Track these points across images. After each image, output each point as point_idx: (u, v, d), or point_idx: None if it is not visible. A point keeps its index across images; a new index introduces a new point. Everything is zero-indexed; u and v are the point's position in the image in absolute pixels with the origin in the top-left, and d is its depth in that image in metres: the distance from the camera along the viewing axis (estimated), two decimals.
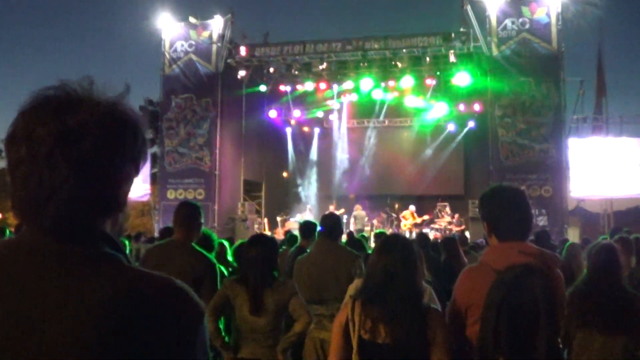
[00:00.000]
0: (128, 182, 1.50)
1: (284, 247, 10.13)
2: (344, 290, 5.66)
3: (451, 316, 3.44)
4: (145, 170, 25.93)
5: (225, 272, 6.00)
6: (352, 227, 23.70)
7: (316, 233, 7.29)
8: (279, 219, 26.18)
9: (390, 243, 3.64)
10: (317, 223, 7.47)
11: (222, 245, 8.39)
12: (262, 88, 26.01)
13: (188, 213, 5.52)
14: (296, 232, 12.10)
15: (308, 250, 6.96)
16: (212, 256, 5.63)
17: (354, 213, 24.84)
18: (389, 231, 21.22)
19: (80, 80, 1.47)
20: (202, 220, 5.61)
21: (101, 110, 1.43)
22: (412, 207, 25.21)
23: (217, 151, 24.44)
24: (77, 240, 1.39)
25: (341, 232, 6.78)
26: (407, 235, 23.32)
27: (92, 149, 1.38)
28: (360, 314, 3.37)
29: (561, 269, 3.44)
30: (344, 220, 25.21)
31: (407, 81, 24.21)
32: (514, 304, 2.80)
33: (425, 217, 24.93)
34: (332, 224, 6.63)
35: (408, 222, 24.70)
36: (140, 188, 25.84)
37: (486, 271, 3.18)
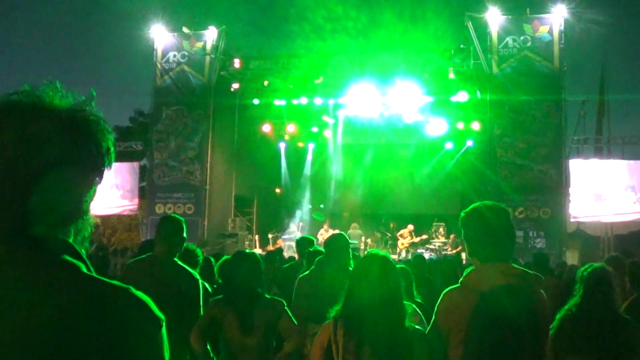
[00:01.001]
0: (90, 190, 1.53)
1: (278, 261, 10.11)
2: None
3: (433, 338, 3.40)
4: (134, 184, 25.95)
5: (210, 289, 5.99)
6: None
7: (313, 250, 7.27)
8: (270, 235, 26.11)
9: (370, 262, 3.63)
10: (314, 239, 7.43)
11: (208, 261, 8.37)
12: (256, 101, 25.94)
13: (170, 227, 5.51)
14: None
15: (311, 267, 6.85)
16: (195, 272, 5.62)
17: (349, 231, 24.86)
18: (383, 251, 21.19)
19: (45, 86, 1.50)
20: (186, 235, 5.57)
21: (63, 117, 1.46)
22: (410, 226, 25.20)
23: (208, 165, 24.43)
24: (35, 248, 1.42)
25: (343, 252, 6.66)
26: (404, 255, 23.34)
27: (53, 157, 1.41)
28: (344, 335, 3.36)
29: (559, 292, 3.45)
30: None
31: (405, 97, 24.23)
32: (497, 327, 2.80)
33: (424, 236, 24.93)
34: (334, 244, 6.52)
35: (406, 240, 24.70)
36: (127, 202, 25.84)
37: (468, 293, 3.20)
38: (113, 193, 25.82)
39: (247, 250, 5.82)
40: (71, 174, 1.46)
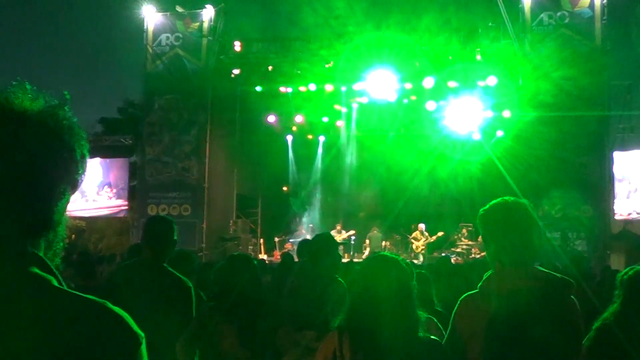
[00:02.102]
0: (62, 199, 1.54)
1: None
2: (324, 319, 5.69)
3: (450, 348, 3.42)
4: (124, 183, 26.02)
5: (205, 298, 6.00)
6: (366, 250, 23.88)
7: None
8: (276, 239, 26.13)
9: (378, 265, 3.58)
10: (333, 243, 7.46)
11: (206, 267, 8.38)
12: (259, 89, 25.96)
13: (159, 229, 5.52)
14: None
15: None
16: (188, 280, 5.62)
17: (369, 234, 24.91)
18: (402, 255, 21.21)
19: (13, 88, 1.50)
20: (176, 237, 5.56)
21: (33, 121, 1.47)
22: (421, 225, 25.33)
23: (207, 161, 24.49)
24: (1, 261, 1.42)
25: (328, 255, 6.74)
26: (421, 259, 23.33)
27: (21, 163, 1.42)
28: (350, 347, 3.35)
29: (600, 300, 3.43)
30: (352, 242, 25.30)
31: (427, 83, 24.20)
32: (518, 335, 2.79)
33: (440, 233, 24.87)
34: (316, 246, 6.64)
35: (420, 242, 24.69)
36: (116, 203, 25.91)
37: (487, 298, 3.22)
38: (105, 193, 25.95)
39: (241, 254, 5.83)
40: (41, 181, 1.47)
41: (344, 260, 22.27)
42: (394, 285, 3.40)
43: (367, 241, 24.90)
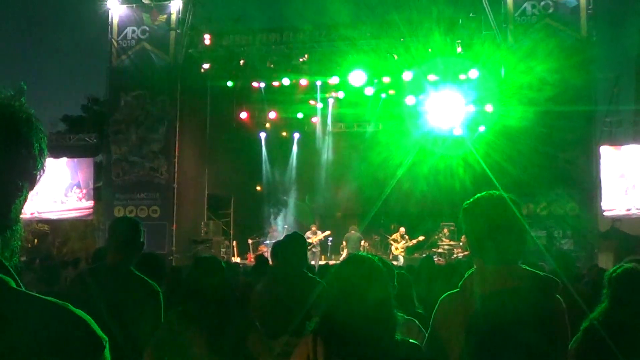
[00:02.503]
0: (20, 196, 1.51)
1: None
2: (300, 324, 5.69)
3: (430, 350, 3.41)
4: (89, 183, 25.87)
5: (174, 303, 5.97)
6: (344, 252, 23.91)
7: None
8: (250, 241, 26.13)
9: (354, 266, 3.55)
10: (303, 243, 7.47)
11: (176, 271, 8.35)
12: (231, 84, 25.92)
13: (124, 231, 5.47)
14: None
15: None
16: (156, 284, 5.58)
17: (347, 235, 24.92)
18: (383, 257, 21.26)
19: None
20: (143, 239, 5.54)
21: None
22: (402, 229, 25.40)
23: (176, 160, 24.36)
24: None
25: (299, 256, 6.77)
26: (401, 261, 23.37)
27: None
28: (324, 352, 3.33)
29: (586, 300, 3.44)
30: (329, 243, 25.33)
31: (406, 76, 24.26)
32: (499, 336, 2.78)
33: (421, 238, 24.94)
34: (288, 246, 6.75)
35: (400, 245, 24.73)
36: (87, 204, 25.76)
37: (467, 298, 3.21)
38: (73, 194, 25.81)
39: (208, 256, 5.81)
40: None
41: (321, 262, 22.45)
42: (371, 287, 3.36)
43: (345, 242, 24.90)
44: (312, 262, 20.81)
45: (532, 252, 16.18)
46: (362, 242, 25.19)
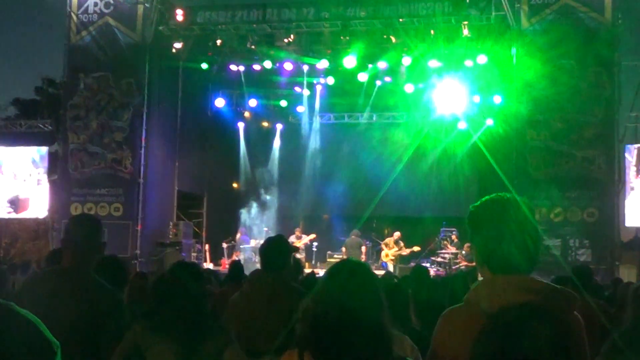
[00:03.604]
0: None
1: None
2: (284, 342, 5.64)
3: None
4: (41, 176, 25.73)
5: (138, 313, 5.91)
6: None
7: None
8: (225, 245, 26.11)
9: (344, 272, 3.51)
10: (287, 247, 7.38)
11: (142, 277, 8.28)
12: (206, 66, 25.87)
13: (82, 230, 5.39)
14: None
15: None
16: (118, 291, 5.51)
17: (347, 240, 24.85)
18: (373, 265, 21.21)
19: None
20: (104, 240, 5.52)
21: None
22: (397, 234, 25.44)
23: (142, 152, 24.28)
24: None
25: (285, 262, 6.71)
26: (390, 269, 23.31)
27: None
28: None
29: (609, 318, 3.39)
30: (314, 249, 25.31)
31: (405, 62, 24.23)
32: (508, 358, 2.73)
33: (415, 248, 24.98)
34: (270, 251, 6.69)
35: (390, 251, 24.67)
36: (33, 201, 25.61)
37: (473, 314, 3.20)
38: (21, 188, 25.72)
39: (186, 262, 5.77)
40: None
41: (306, 270, 22.38)
42: (366, 297, 3.33)
43: (344, 249, 24.81)
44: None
45: (546, 262, 16.22)
46: (364, 249, 25.08)
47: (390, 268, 23.55)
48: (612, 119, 21.38)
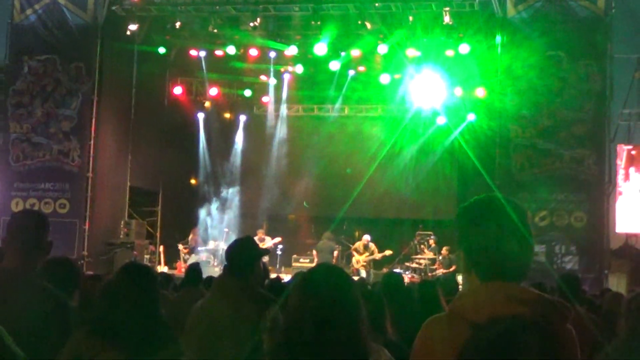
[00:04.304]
0: None
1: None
2: (251, 353, 5.57)
3: None
4: None
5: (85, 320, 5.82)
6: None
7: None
8: (181, 247, 26.00)
9: (319, 280, 3.53)
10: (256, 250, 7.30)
11: (94, 280, 8.20)
12: (163, 51, 25.75)
13: (25, 227, 5.30)
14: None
15: None
16: (65, 295, 5.42)
17: (318, 244, 24.80)
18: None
19: None
20: (50, 239, 5.35)
21: None
22: (366, 237, 25.28)
23: (92, 143, 24.09)
24: None
25: (251, 267, 6.61)
26: (363, 275, 23.27)
27: None
28: None
29: (599, 331, 3.36)
30: (279, 252, 25.26)
31: (380, 50, 24.21)
32: None
33: (387, 252, 24.86)
34: (238, 254, 6.55)
35: (362, 257, 24.60)
36: None
37: (457, 324, 3.14)
38: None
39: (138, 264, 5.67)
40: None
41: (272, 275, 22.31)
42: (343, 309, 3.43)
43: (315, 252, 24.73)
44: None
45: (531, 270, 16.03)
46: (335, 253, 24.99)
47: (363, 274, 23.47)
48: (603, 116, 21.43)
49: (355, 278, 20.53)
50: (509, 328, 2.84)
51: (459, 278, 19.73)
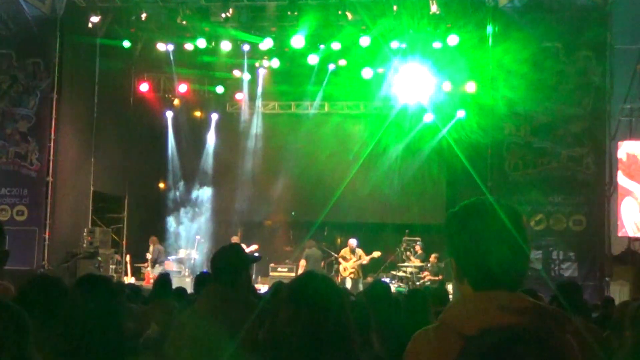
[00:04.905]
0: None
1: None
2: None
3: None
4: None
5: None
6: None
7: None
8: (148, 256, 25.92)
9: (311, 288, 3.57)
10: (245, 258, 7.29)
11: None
12: (128, 44, 25.69)
13: None
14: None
15: None
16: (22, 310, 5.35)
17: (306, 252, 24.78)
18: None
19: None
20: (6, 248, 5.31)
21: None
22: (352, 241, 25.24)
23: (52, 145, 23.97)
24: None
25: (239, 274, 6.57)
26: (350, 284, 23.25)
27: None
28: None
29: (600, 343, 3.34)
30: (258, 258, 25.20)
31: (362, 42, 24.20)
32: None
33: (376, 253, 24.78)
34: (226, 262, 6.49)
35: (349, 264, 24.57)
36: None
37: (448, 337, 3.12)
38: None
39: (96, 275, 5.58)
40: None
41: None
42: (337, 323, 3.51)
43: (304, 261, 24.69)
44: None
45: (527, 278, 16.03)
46: (323, 264, 25.15)
47: (349, 284, 23.39)
48: (603, 112, 21.53)
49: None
50: (502, 339, 2.85)
51: (449, 287, 19.85)
